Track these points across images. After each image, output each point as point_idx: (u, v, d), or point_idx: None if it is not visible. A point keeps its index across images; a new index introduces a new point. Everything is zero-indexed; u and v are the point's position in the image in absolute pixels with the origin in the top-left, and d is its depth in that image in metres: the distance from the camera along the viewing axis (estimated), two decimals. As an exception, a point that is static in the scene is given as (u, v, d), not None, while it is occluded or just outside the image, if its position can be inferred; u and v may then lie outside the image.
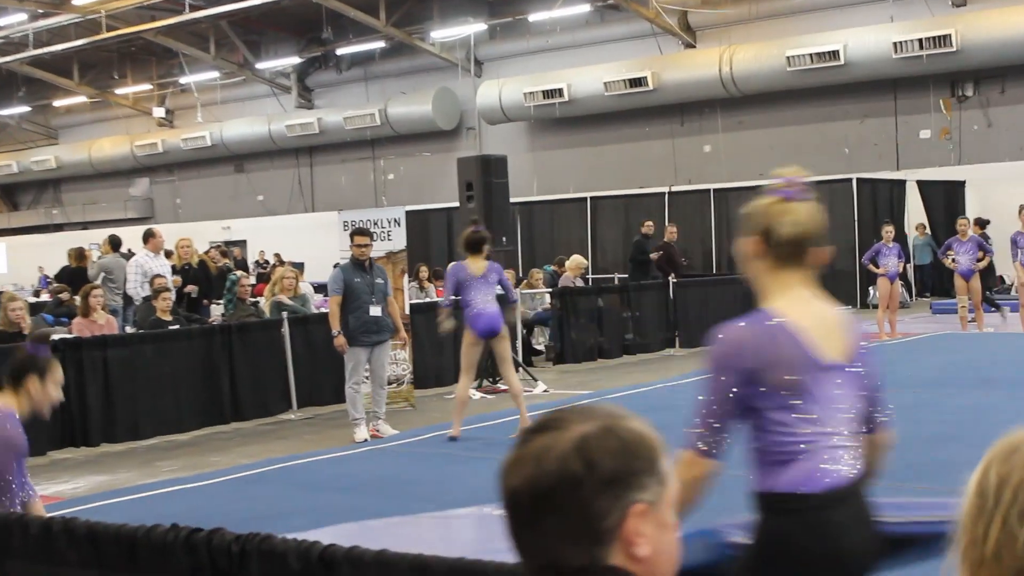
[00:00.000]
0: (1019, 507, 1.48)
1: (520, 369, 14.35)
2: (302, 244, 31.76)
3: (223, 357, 12.06)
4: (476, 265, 10.38)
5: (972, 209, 27.30)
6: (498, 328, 10.33)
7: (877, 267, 17.92)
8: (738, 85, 28.87)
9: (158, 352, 11.61)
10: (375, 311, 10.67)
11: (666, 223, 24.83)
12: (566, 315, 16.51)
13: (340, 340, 10.64)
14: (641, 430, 1.59)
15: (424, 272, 18.28)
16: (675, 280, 18.16)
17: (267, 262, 31.13)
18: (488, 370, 13.87)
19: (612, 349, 17.00)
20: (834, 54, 26.93)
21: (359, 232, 10.98)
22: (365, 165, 37.49)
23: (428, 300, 16.56)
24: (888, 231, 18.06)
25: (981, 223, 21.64)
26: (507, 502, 1.57)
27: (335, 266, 11.35)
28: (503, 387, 13.80)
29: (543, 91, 31.47)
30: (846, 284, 25.66)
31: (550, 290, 17.30)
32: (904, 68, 26.71)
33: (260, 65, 37.07)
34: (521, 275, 21.56)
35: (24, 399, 4.67)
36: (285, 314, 12.73)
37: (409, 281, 17.06)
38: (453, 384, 13.98)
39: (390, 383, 12.53)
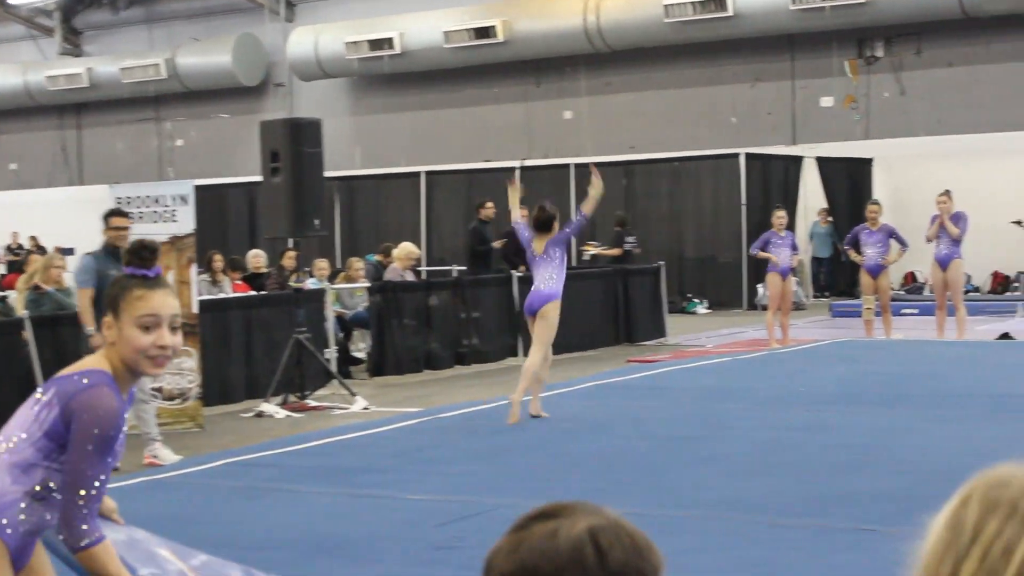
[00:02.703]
0: (1004, 542, 1.59)
1: (335, 382, 14.19)
2: (66, 225, 31.01)
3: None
4: (540, 244, 11.90)
5: (881, 191, 27.97)
6: (538, 305, 11.66)
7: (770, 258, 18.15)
8: (606, 39, 29.07)
9: None
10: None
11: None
12: (388, 315, 16.36)
13: (97, 340, 10.38)
14: (646, 535, 1.82)
15: (218, 261, 17.95)
16: (521, 274, 18.17)
17: (21, 247, 30.34)
18: (295, 384, 13.67)
19: (444, 357, 16.92)
20: (720, 3, 27.28)
21: (115, 213, 10.92)
22: (147, 128, 36.77)
23: (223, 296, 16.25)
24: (780, 217, 18.32)
25: None
26: None
27: (86, 254, 11.10)
28: (312, 404, 13.65)
29: (369, 41, 31.24)
30: (730, 280, 26.08)
31: (369, 285, 17.14)
32: (803, 22, 27.19)
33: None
34: (339, 266, 21.38)
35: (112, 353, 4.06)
36: (27, 313, 12.33)
37: (199, 272, 16.73)
38: (247, 400, 13.78)
39: (172, 398, 12.24)
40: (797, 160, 28.05)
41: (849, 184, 28.45)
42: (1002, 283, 27.33)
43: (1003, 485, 1.67)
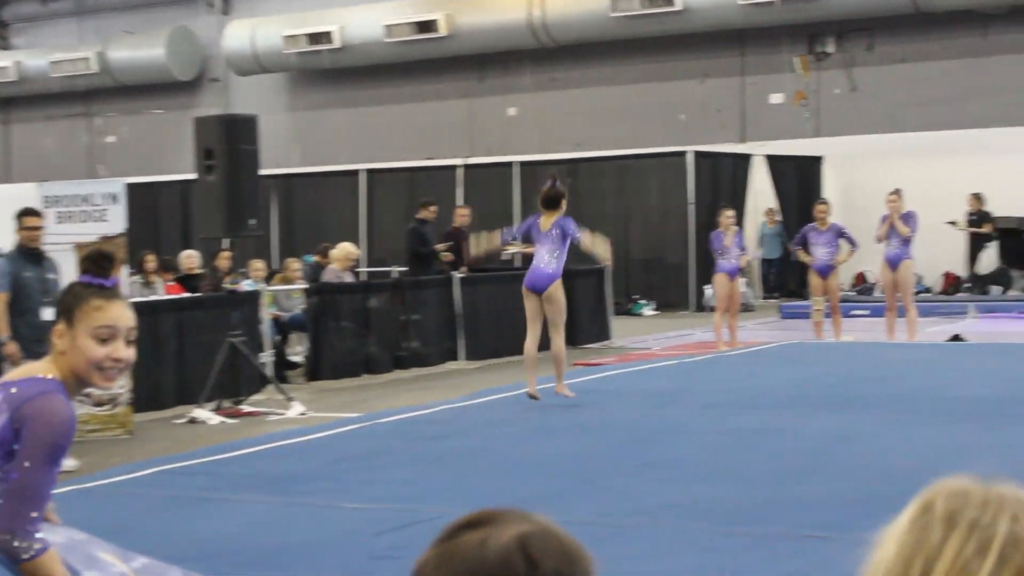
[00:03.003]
0: (977, 541, 1.58)
1: (271, 387, 14.13)
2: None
3: None
4: (547, 221, 12.75)
5: (832, 190, 28.12)
6: (541, 287, 12.63)
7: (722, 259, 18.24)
8: (551, 33, 29.10)
9: None
10: (49, 314, 10.40)
11: (459, 203, 24.87)
12: (326, 318, 16.30)
13: (11, 348, 10.41)
14: (577, 541, 1.79)
15: (151, 262, 17.84)
16: (462, 276, 18.14)
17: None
18: (229, 389, 13.60)
19: (382, 361, 16.87)
20: (669, -3, 27.39)
21: (28, 212, 10.85)
22: (77, 124, 36.52)
23: (155, 298, 16.13)
24: (728, 216, 18.39)
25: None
26: None
27: (-1, 256, 11.06)
28: (247, 409, 13.58)
29: (308, 34, 31.15)
30: (678, 281, 26.15)
31: (307, 286, 17.07)
32: (753, 17, 27.32)
33: (-63, -9, 35.81)
34: (275, 267, 21.29)
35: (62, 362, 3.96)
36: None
37: (130, 274, 16.61)
38: (179, 406, 13.69)
39: (101, 404, 12.15)
40: (746, 158, 28.17)
41: (799, 183, 28.59)
42: (953, 284, 27.52)
43: (962, 500, 1.65)
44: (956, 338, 18.27)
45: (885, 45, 27.46)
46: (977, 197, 25.90)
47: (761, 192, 28.19)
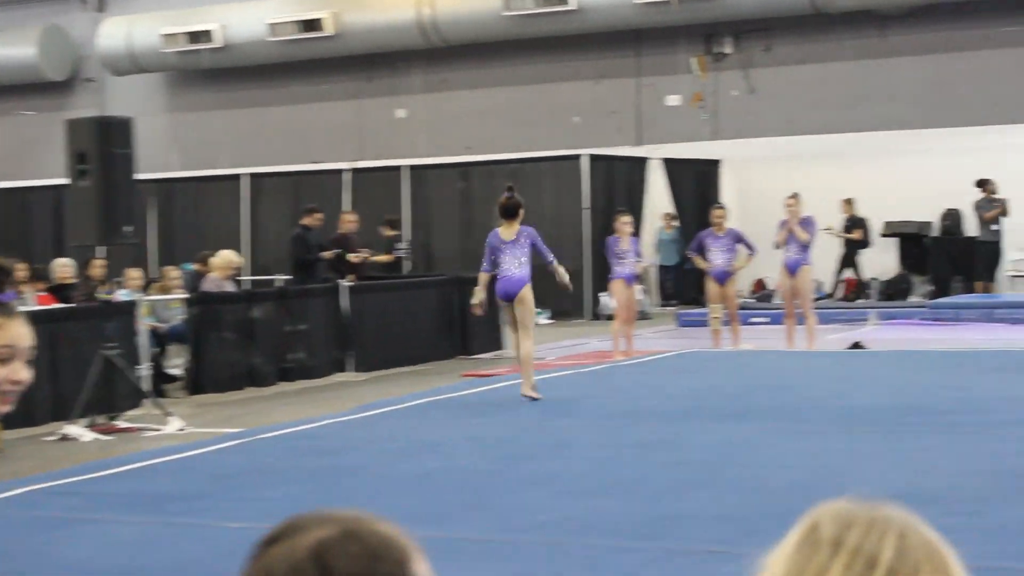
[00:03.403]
0: (862, 565, 1.63)
1: (148, 401, 14.03)
2: None
3: None
4: (508, 230, 13.81)
5: (729, 194, 28.45)
6: (514, 292, 13.64)
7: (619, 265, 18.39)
8: (441, 33, 29.14)
9: None
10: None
11: (346, 208, 24.84)
12: (207, 329, 16.22)
13: None
14: (388, 533, 1.75)
15: (21, 271, 17.60)
16: (350, 284, 18.12)
17: None
18: (104, 404, 13.48)
19: (266, 374, 16.81)
20: (563, -5, 27.53)
21: None
22: (-58, 126, 35.97)
23: (26, 309, 15.93)
24: (625, 222, 18.54)
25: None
26: None
27: None
28: (122, 425, 13.47)
29: (187, 33, 30.93)
30: (573, 289, 26.20)
31: (186, 296, 16.97)
32: (649, 17, 27.54)
33: None
34: (153, 276, 21.15)
35: None
36: None
37: (-2, 283, 16.41)
38: (51, 422, 13.53)
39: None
40: (642, 162, 28.39)
41: (696, 187, 28.88)
42: (854, 290, 27.91)
43: (847, 523, 1.70)
44: (856, 346, 18.55)
45: (783, 46, 27.80)
46: (849, 202, 26.31)
47: (658, 196, 28.43)
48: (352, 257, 20.19)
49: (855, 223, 26.51)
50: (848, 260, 27.25)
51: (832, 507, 1.75)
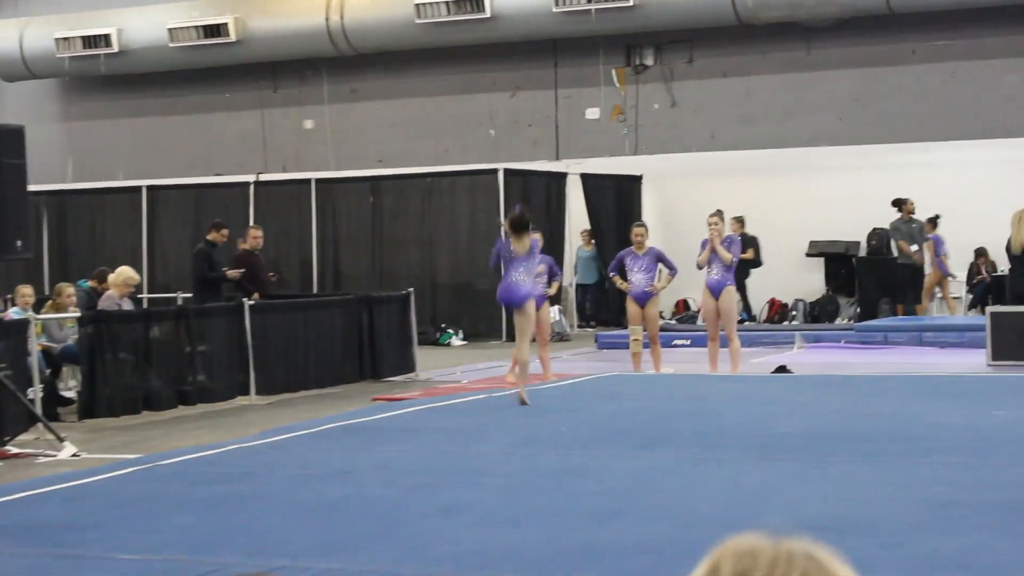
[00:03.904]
0: None
1: (40, 426, 13.91)
2: None
3: None
4: (520, 245, 14.84)
5: (651, 211, 28.60)
6: (516, 302, 14.93)
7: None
8: (351, 40, 29.14)
9: None
10: None
11: (250, 223, 24.76)
12: (103, 349, 16.10)
13: None
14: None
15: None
16: (253, 303, 18.05)
17: None
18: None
19: (165, 397, 16.71)
20: (477, 4, 27.60)
21: None
22: None
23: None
24: (533, 238, 18.58)
25: (934, 222, 23.39)
26: None
27: None
28: (12, 451, 13.35)
29: (83, 37, 30.76)
30: (488, 309, 26.25)
31: (81, 314, 16.84)
32: (567, 26, 27.68)
33: None
34: (46, 293, 20.98)
35: None
36: None
37: None
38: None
39: None
40: (560, 177, 28.49)
41: (616, 203, 29.00)
42: (779, 312, 28.16)
43: (751, 561, 1.72)
44: (781, 369, 18.68)
45: (706, 58, 28.04)
46: (739, 220, 26.57)
47: (577, 213, 28.54)
48: (231, 273, 20.18)
49: (746, 242, 26.68)
50: (737, 282, 27.42)
51: (736, 544, 1.76)
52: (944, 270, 26.57)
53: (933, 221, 26.02)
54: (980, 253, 27.54)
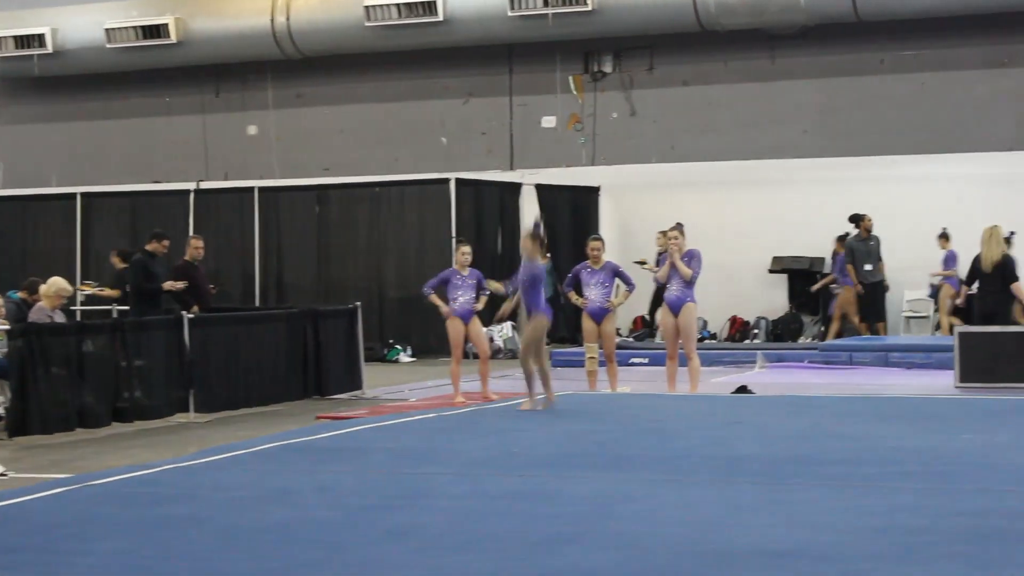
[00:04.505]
0: None
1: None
2: None
3: None
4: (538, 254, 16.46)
5: (608, 224, 28.65)
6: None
7: (445, 300, 18.51)
8: (297, 43, 29.12)
9: None
10: None
11: (190, 233, 24.67)
12: (33, 364, 16.01)
13: None
14: None
15: None
16: (192, 316, 17.98)
17: None
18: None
19: (99, 414, 16.62)
20: (430, 7, 27.60)
21: None
22: None
23: None
24: (464, 253, 18.61)
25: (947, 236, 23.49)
26: None
27: None
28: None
29: (15, 37, 30.67)
30: (438, 324, 26.11)
31: (10, 327, 16.74)
32: (523, 31, 27.71)
33: None
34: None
35: None
36: None
37: None
38: None
39: None
40: (515, 187, 28.50)
41: (572, 215, 29.03)
42: (741, 330, 28.23)
43: None
44: (742, 390, 18.72)
45: (667, 66, 28.11)
46: (666, 235, 26.60)
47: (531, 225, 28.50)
48: (173, 285, 20.14)
49: None
50: (659, 299, 27.48)
51: None
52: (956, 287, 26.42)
53: (945, 236, 25.93)
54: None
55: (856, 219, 25.74)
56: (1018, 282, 20.50)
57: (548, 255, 28.60)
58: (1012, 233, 25.68)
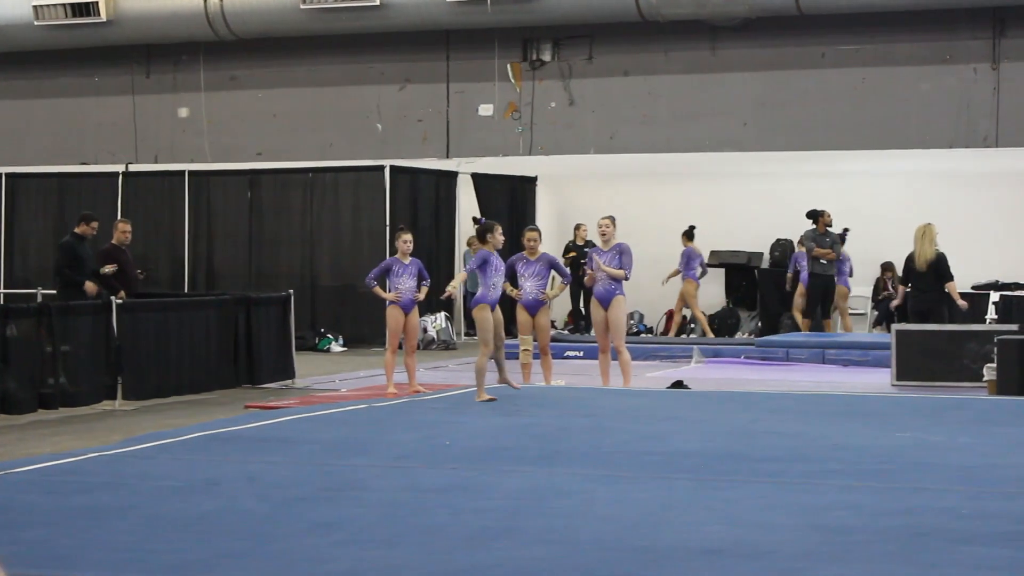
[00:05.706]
0: None
1: None
2: None
3: None
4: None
5: (546, 215, 28.71)
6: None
7: (386, 291, 18.50)
8: (230, 24, 28.97)
9: None
10: None
11: (118, 216, 24.56)
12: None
13: None
14: None
15: None
16: (120, 302, 17.89)
17: None
18: None
19: (23, 400, 16.52)
20: (368, -10, 27.52)
21: None
22: None
23: None
24: (405, 241, 18.55)
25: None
26: None
27: None
28: None
29: (-59, 13, 30.33)
30: (371, 314, 26.12)
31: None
32: (461, 17, 27.68)
33: None
34: None
35: None
36: None
37: None
38: None
39: None
40: (451, 176, 28.50)
41: (509, 205, 29.06)
42: (679, 324, 28.29)
43: None
44: (678, 385, 18.80)
45: (607, 55, 28.14)
46: (580, 228, 26.61)
47: (467, 215, 28.55)
48: (106, 269, 20.06)
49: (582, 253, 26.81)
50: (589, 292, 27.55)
51: None
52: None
53: (842, 236, 26.06)
54: (887, 268, 27.88)
55: (814, 215, 25.75)
56: (953, 281, 20.66)
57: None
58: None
